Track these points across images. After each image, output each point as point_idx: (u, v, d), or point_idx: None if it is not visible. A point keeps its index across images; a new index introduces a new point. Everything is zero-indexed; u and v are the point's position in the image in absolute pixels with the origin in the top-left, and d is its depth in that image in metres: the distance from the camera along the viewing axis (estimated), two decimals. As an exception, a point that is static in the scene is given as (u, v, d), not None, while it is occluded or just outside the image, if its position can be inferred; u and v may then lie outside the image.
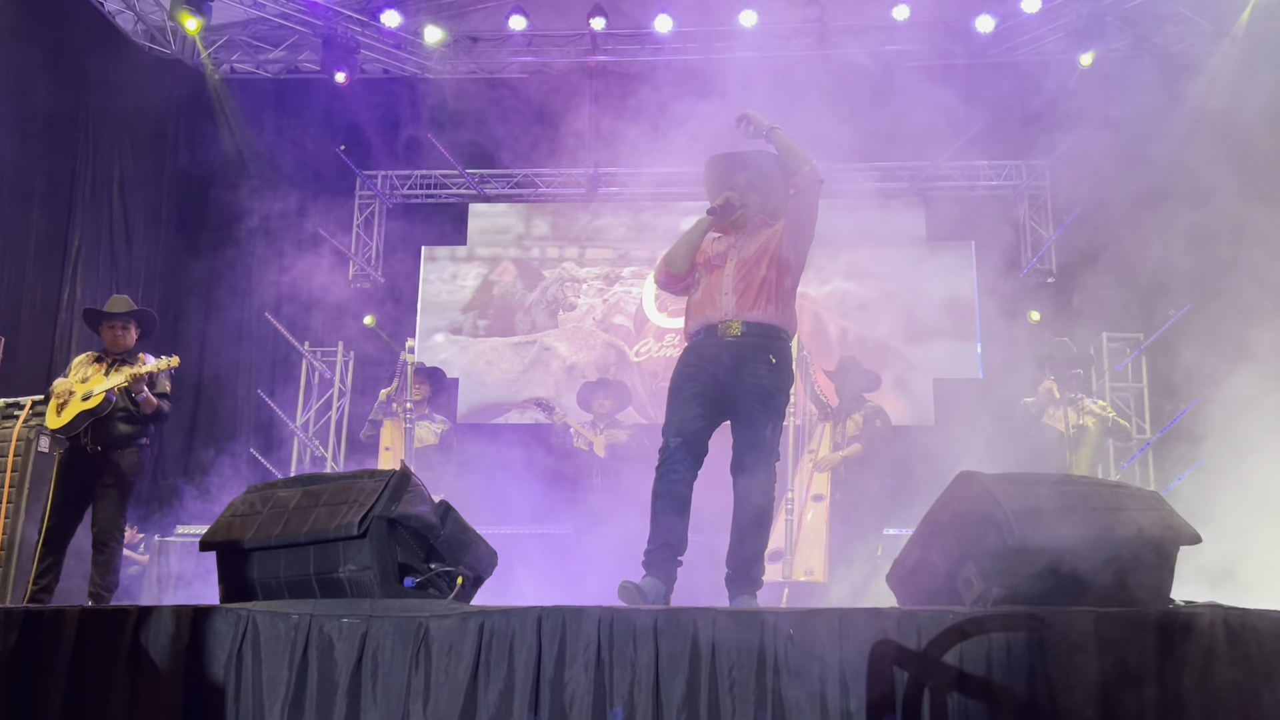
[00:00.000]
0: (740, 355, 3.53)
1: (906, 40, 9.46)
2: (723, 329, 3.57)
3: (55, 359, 7.83)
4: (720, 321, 3.58)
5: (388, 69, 10.09)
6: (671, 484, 3.52)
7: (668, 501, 3.52)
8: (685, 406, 3.56)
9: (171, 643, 2.72)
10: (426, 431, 6.86)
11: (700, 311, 3.67)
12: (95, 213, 8.73)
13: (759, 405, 3.52)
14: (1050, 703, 2.52)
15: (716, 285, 3.64)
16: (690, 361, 3.64)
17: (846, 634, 2.57)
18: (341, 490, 3.04)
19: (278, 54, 10.05)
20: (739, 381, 3.53)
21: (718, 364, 3.56)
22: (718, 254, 3.73)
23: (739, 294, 3.58)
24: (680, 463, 3.52)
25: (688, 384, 3.59)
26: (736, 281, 3.60)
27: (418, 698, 2.61)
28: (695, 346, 3.65)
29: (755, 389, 3.51)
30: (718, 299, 3.62)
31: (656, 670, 2.58)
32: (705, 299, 3.67)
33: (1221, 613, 2.64)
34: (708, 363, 3.58)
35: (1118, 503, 2.94)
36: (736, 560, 3.57)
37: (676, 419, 3.56)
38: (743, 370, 3.53)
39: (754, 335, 3.55)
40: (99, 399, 5.07)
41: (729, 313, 3.57)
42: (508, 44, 9.86)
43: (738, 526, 3.56)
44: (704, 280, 3.70)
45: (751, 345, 3.54)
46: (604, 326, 9.48)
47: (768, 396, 3.53)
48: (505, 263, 9.73)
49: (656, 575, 3.48)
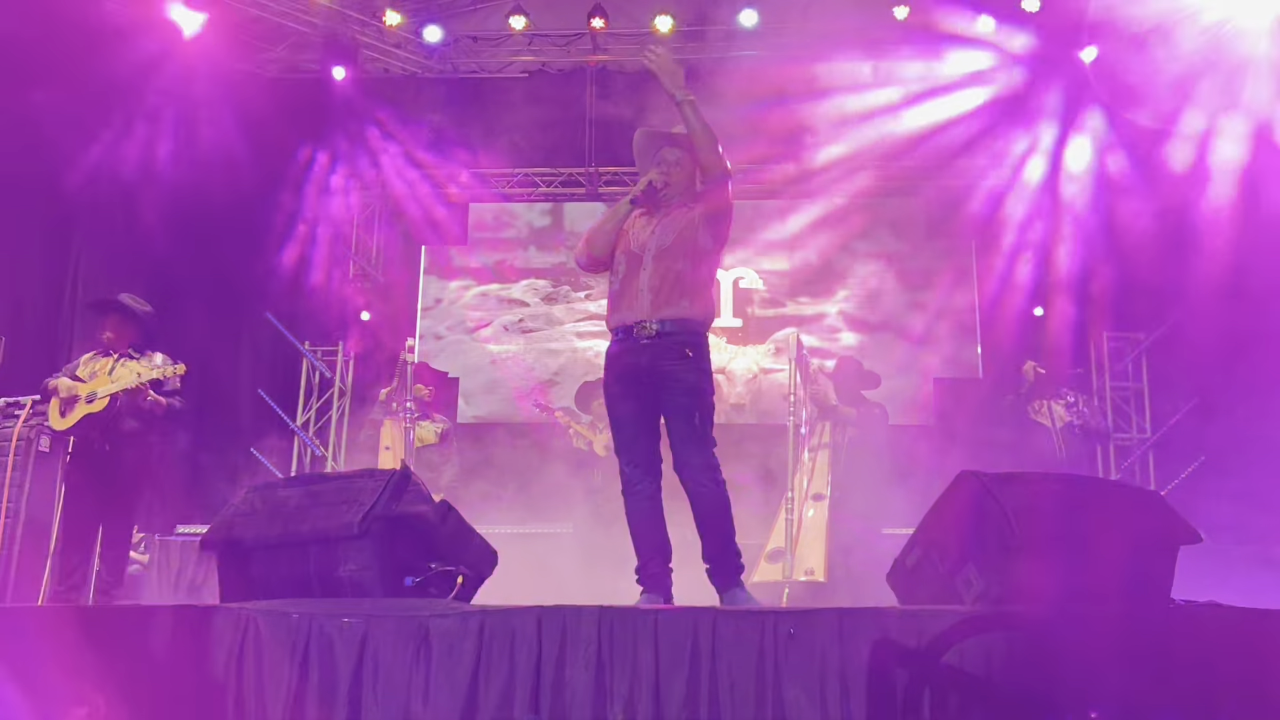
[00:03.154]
0: (658, 355, 3.61)
1: (905, 40, 9.45)
2: (639, 330, 3.64)
3: (55, 359, 7.82)
4: (636, 323, 3.65)
5: (388, 69, 10.08)
6: (639, 501, 3.64)
7: (641, 518, 3.64)
8: (624, 429, 3.67)
9: (172, 643, 2.72)
10: (426, 431, 6.87)
11: (619, 309, 3.74)
12: (95, 212, 8.72)
13: (685, 398, 3.61)
14: (1050, 703, 2.52)
15: (634, 282, 3.69)
16: (614, 376, 3.71)
17: (846, 634, 2.57)
18: (341, 490, 3.04)
19: (278, 54, 10.05)
20: (661, 381, 3.61)
21: (638, 369, 3.65)
22: (639, 244, 3.74)
23: (654, 293, 3.64)
24: (640, 481, 3.65)
25: (616, 405, 3.69)
26: (652, 278, 3.65)
27: (418, 697, 2.61)
28: (615, 353, 3.72)
29: (677, 385, 3.61)
30: (634, 298, 3.68)
31: (656, 670, 2.58)
32: (623, 295, 3.72)
33: (1220, 613, 2.65)
34: (628, 371, 3.66)
35: (1118, 503, 2.95)
36: (711, 552, 3.62)
37: (624, 447, 3.68)
38: (662, 369, 3.61)
39: (669, 334, 3.62)
40: (103, 402, 5.05)
41: (644, 312, 3.64)
42: (508, 44, 9.85)
43: (700, 519, 3.62)
44: (623, 269, 3.74)
45: (667, 344, 3.61)
46: (604, 326, 9.47)
47: (691, 388, 3.61)
48: (505, 262, 9.72)
49: (653, 591, 3.59)
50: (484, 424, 9.08)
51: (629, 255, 3.72)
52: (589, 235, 3.81)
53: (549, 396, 8.18)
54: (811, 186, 9.68)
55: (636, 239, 3.73)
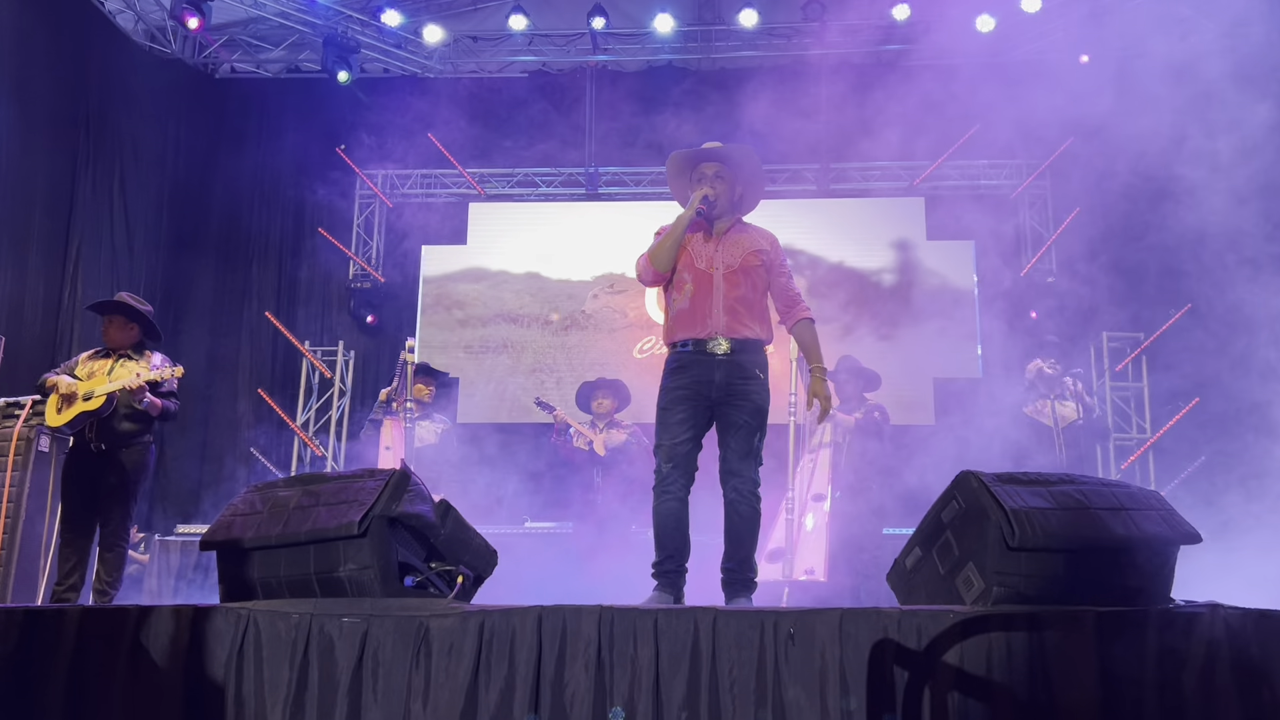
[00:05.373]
0: (731, 373, 3.70)
1: (906, 40, 9.47)
2: (712, 346, 3.72)
3: (55, 359, 7.83)
4: (709, 337, 3.73)
5: (388, 69, 10.09)
6: (669, 503, 3.70)
7: (667, 519, 3.70)
8: (674, 431, 3.72)
9: (171, 643, 2.72)
10: (426, 431, 6.86)
11: (689, 324, 3.78)
12: (95, 212, 8.72)
13: (752, 418, 3.71)
14: (1050, 703, 2.52)
15: (706, 299, 3.76)
16: (681, 383, 3.75)
17: (846, 634, 2.57)
18: (341, 490, 3.03)
19: (278, 53, 10.06)
20: (731, 398, 3.70)
21: (709, 384, 3.71)
22: (704, 259, 3.83)
23: (729, 313, 3.74)
24: (674, 483, 3.70)
25: (677, 407, 3.73)
26: (726, 298, 3.75)
27: (418, 697, 2.61)
28: (684, 364, 3.76)
29: (746, 402, 3.70)
30: (708, 314, 3.75)
31: (657, 670, 2.58)
32: (695, 312, 3.77)
33: (1221, 613, 2.64)
34: (697, 382, 3.72)
35: (1118, 502, 2.94)
36: (733, 564, 3.71)
37: (668, 444, 3.72)
38: (734, 387, 3.70)
39: (743, 352, 3.73)
40: (100, 400, 5.06)
41: (718, 329, 3.73)
42: (508, 44, 9.87)
43: (733, 532, 3.71)
44: (690, 287, 3.80)
45: (741, 362, 3.72)
46: (604, 325, 9.49)
47: (758, 410, 3.73)
48: (505, 262, 9.72)
49: (665, 587, 3.67)
50: (484, 424, 9.07)
51: (696, 273, 3.81)
52: (652, 253, 3.87)
53: (550, 396, 8.17)
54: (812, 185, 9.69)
55: (702, 257, 3.84)
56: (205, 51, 9.94)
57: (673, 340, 3.84)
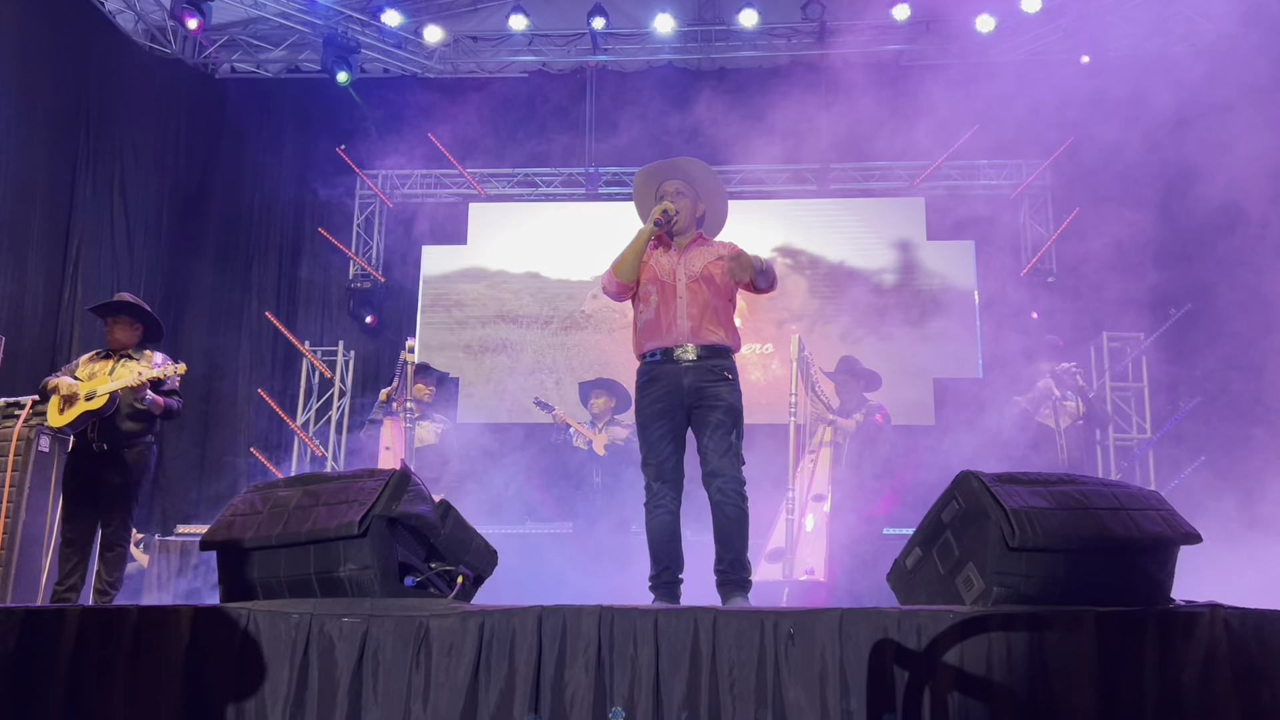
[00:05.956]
0: (700, 376, 3.79)
1: (906, 40, 9.47)
2: (679, 353, 3.81)
3: (56, 359, 7.83)
4: (676, 345, 3.82)
5: (388, 69, 10.09)
6: (661, 516, 3.79)
7: (660, 533, 3.79)
8: (658, 448, 3.81)
9: (171, 643, 2.72)
10: (426, 431, 6.86)
11: (655, 334, 3.87)
12: (95, 212, 8.72)
13: (726, 416, 3.77)
14: (1050, 703, 2.52)
15: (670, 308, 3.86)
16: (654, 397, 3.83)
17: (846, 634, 2.57)
18: (341, 490, 3.03)
19: (278, 53, 10.05)
20: (703, 400, 3.78)
21: (679, 390, 3.80)
22: (666, 270, 3.92)
23: (693, 320, 3.83)
24: (664, 496, 3.80)
25: (655, 424, 3.82)
26: (689, 306, 3.84)
27: (418, 697, 2.61)
28: (654, 375, 3.85)
29: (718, 402, 3.77)
30: (673, 323, 3.84)
31: (656, 670, 2.58)
32: (660, 321, 3.86)
33: (1221, 613, 2.64)
34: (668, 393, 3.80)
35: (1117, 503, 2.94)
36: (725, 565, 3.73)
37: (654, 461, 3.82)
38: (704, 390, 3.78)
39: (711, 358, 3.82)
40: (102, 399, 5.06)
41: (684, 337, 3.82)
42: (508, 44, 9.87)
43: (721, 534, 3.75)
44: (655, 298, 3.90)
45: (708, 367, 3.80)
46: (604, 325, 9.49)
47: (731, 408, 3.79)
48: (505, 262, 9.72)
49: (664, 599, 3.74)
50: (484, 423, 9.07)
51: (659, 284, 3.91)
52: (615, 266, 3.95)
53: (549, 396, 8.18)
54: (812, 185, 9.69)
55: (663, 268, 3.93)
56: (205, 51, 9.94)
57: (641, 351, 3.93)
